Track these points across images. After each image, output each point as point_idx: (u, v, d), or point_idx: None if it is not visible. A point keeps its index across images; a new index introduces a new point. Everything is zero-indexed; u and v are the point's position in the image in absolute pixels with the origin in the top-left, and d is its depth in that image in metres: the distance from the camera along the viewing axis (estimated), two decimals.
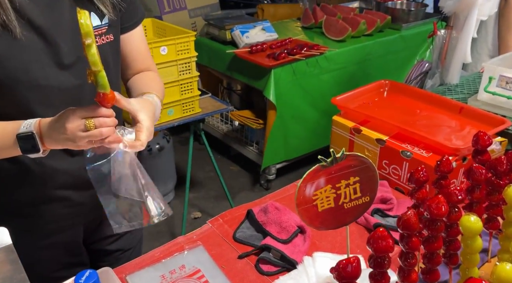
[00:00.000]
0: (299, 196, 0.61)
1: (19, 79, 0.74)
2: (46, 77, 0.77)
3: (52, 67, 0.77)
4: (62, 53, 0.78)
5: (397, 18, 2.66)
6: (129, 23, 0.92)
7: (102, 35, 0.84)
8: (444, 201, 0.65)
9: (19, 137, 0.71)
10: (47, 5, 0.75)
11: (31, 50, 0.74)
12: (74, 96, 0.82)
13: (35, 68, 0.75)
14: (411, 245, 0.63)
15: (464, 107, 1.29)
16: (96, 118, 0.69)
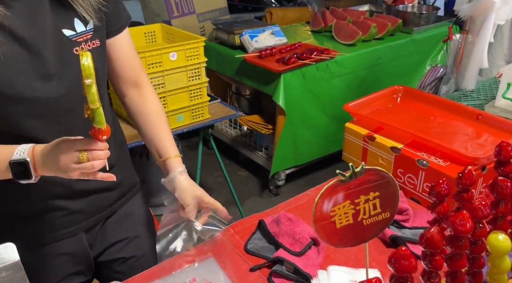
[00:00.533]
0: (316, 213, 0.59)
1: (4, 93, 0.73)
2: (32, 89, 0.75)
3: (38, 78, 0.76)
4: (47, 63, 0.76)
5: (408, 22, 2.62)
6: (114, 27, 0.91)
7: (87, 41, 0.82)
8: (469, 217, 0.61)
9: (12, 163, 0.71)
10: (28, 16, 0.74)
11: (15, 63, 0.73)
12: (61, 105, 0.81)
13: (20, 80, 0.74)
14: (435, 264, 0.60)
15: (482, 114, 1.25)
16: (90, 151, 0.70)
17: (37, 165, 0.72)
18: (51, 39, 0.77)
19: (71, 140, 0.70)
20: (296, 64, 2.11)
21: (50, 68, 0.77)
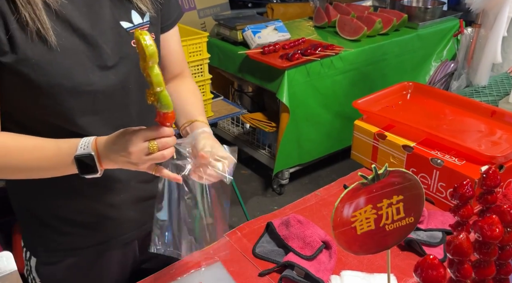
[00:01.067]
0: (336, 218, 0.55)
1: (62, 86, 0.70)
2: (90, 82, 0.72)
3: (95, 70, 0.73)
4: (104, 55, 0.74)
5: (414, 17, 2.57)
6: (168, 22, 0.88)
7: None
8: (498, 222, 0.57)
9: (77, 158, 0.68)
10: (87, 6, 0.72)
11: (73, 54, 0.70)
12: (117, 100, 0.78)
13: (78, 73, 0.71)
14: (463, 272, 0.56)
15: (496, 110, 1.21)
16: (159, 140, 0.66)
17: (102, 159, 0.68)
18: (109, 31, 0.75)
19: (137, 130, 0.66)
20: (301, 60, 2.06)
21: (107, 60, 0.74)
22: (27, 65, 0.67)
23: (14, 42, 0.65)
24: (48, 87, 0.69)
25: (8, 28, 0.65)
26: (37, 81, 0.68)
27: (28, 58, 0.66)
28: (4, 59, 0.66)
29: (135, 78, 0.78)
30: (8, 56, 0.66)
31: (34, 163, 0.70)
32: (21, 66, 0.67)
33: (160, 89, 0.62)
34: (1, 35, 0.64)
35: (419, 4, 2.78)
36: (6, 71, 0.67)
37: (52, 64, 0.68)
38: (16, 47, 0.66)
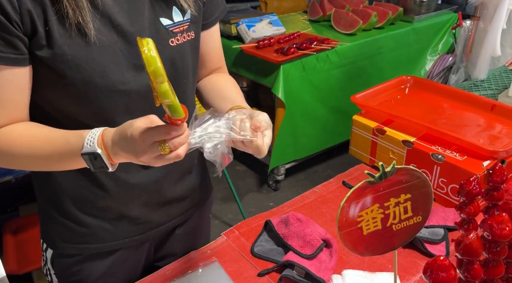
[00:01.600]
0: (342, 218, 0.52)
1: (96, 84, 0.68)
2: (124, 81, 0.70)
3: (130, 70, 0.70)
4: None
5: (409, 10, 2.56)
6: (210, 19, 0.84)
7: (183, 32, 0.76)
8: (508, 220, 0.55)
9: (84, 156, 0.64)
10: (128, 1, 0.69)
11: (109, 51, 0.68)
12: (149, 101, 0.73)
13: (114, 71, 0.68)
14: (473, 273, 0.54)
15: (496, 104, 1.19)
16: (170, 141, 0.60)
17: (112, 155, 0.64)
18: (148, 27, 0.71)
19: (145, 130, 0.60)
20: (296, 54, 2.03)
21: None
22: (62, 61, 0.64)
23: (51, 35, 0.63)
24: (82, 85, 0.67)
25: (47, 20, 0.62)
26: (71, 78, 0.66)
27: (64, 54, 0.64)
28: (40, 53, 0.64)
29: (169, 78, 0.75)
30: (44, 50, 0.64)
31: (45, 156, 0.68)
32: (57, 62, 0.65)
33: (169, 101, 0.56)
34: (39, 27, 0.62)
35: None
36: (40, 64, 0.65)
37: (88, 61, 0.66)
38: (54, 41, 0.63)
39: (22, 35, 0.62)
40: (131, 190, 0.82)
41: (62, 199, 0.81)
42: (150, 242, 0.92)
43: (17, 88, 0.65)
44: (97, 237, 0.84)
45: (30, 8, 0.61)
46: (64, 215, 0.82)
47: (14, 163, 0.71)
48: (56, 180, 0.80)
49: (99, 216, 0.83)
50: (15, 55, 0.63)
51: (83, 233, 0.83)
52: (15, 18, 0.60)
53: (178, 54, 0.75)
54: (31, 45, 0.64)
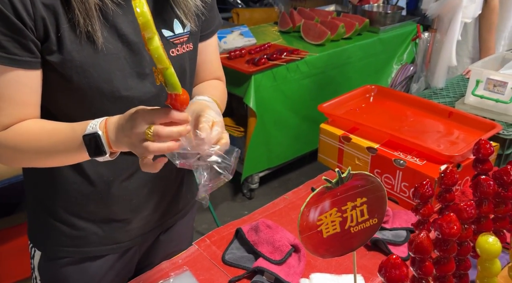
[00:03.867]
0: (302, 222, 0.55)
1: (102, 89, 0.72)
2: (128, 87, 0.74)
3: (134, 77, 0.75)
4: (144, 62, 0.75)
5: (375, 21, 2.66)
6: (207, 31, 0.89)
7: (183, 43, 0.81)
8: (456, 220, 0.60)
9: (85, 138, 0.65)
10: (132, 14, 0.72)
11: (114, 59, 0.72)
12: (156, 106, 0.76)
13: (118, 77, 0.72)
14: (425, 270, 0.58)
15: (453, 111, 1.26)
16: (156, 127, 0.58)
17: (111, 139, 0.64)
18: None
19: (146, 111, 0.60)
20: (267, 65, 2.08)
21: (146, 68, 0.75)
22: (71, 66, 0.68)
23: (62, 42, 0.67)
24: (88, 89, 0.71)
25: (59, 27, 0.67)
26: (78, 82, 0.70)
27: (73, 60, 0.68)
28: (51, 58, 0.68)
29: None
30: (55, 56, 0.68)
31: (51, 147, 0.69)
32: (66, 67, 0.68)
33: (162, 66, 0.56)
34: (51, 34, 0.66)
35: (380, 9, 2.87)
36: (50, 69, 0.69)
37: (94, 67, 0.70)
38: (64, 47, 0.67)
39: (36, 40, 0.66)
40: (122, 194, 0.84)
41: (54, 201, 0.83)
42: (136, 248, 0.93)
43: (32, 90, 0.69)
44: (86, 241, 0.86)
45: (44, 15, 0.65)
46: (55, 217, 0.84)
47: (22, 159, 0.72)
48: (49, 181, 0.82)
49: (89, 220, 0.84)
50: (30, 58, 0.66)
51: (73, 236, 0.85)
52: (30, 24, 0.64)
53: (177, 64, 0.78)
54: (43, 50, 0.67)
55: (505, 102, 1.23)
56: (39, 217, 0.86)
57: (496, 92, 1.22)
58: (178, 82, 0.59)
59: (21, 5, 0.63)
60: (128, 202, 0.85)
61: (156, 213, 0.91)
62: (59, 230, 0.84)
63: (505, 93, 1.21)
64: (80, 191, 0.82)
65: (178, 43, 0.79)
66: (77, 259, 0.86)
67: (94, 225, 0.85)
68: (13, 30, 0.63)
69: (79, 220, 0.84)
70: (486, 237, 0.58)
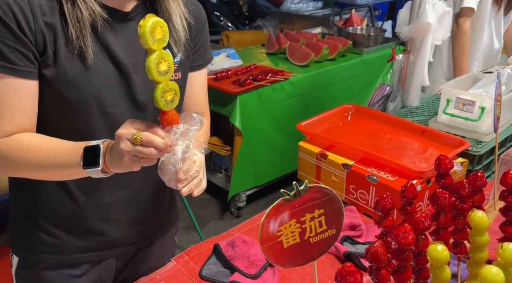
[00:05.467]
0: (263, 233, 0.58)
1: (89, 104, 0.77)
2: (114, 104, 0.79)
3: (120, 95, 0.80)
4: (132, 83, 0.80)
5: (358, 43, 2.75)
6: (197, 63, 0.93)
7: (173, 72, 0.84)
8: (410, 230, 0.63)
9: (85, 148, 0.70)
10: (126, 39, 0.80)
11: (104, 77, 0.77)
12: None
13: (106, 94, 0.78)
14: (381, 278, 0.61)
15: (426, 129, 1.31)
16: (145, 133, 0.65)
17: (106, 155, 0.70)
18: (142, 63, 0.78)
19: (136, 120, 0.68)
20: (252, 85, 2.14)
21: (134, 88, 0.81)
22: (63, 80, 0.74)
23: (57, 57, 0.73)
24: (76, 102, 0.76)
25: (56, 42, 0.72)
26: (68, 96, 0.75)
27: (66, 74, 0.73)
28: (46, 72, 0.73)
29: (154, 110, 0.81)
30: (49, 69, 0.73)
31: (48, 160, 0.73)
32: (58, 81, 0.74)
33: (151, 79, 0.64)
34: (49, 48, 0.72)
35: (363, 32, 2.97)
36: (44, 82, 0.74)
37: (85, 83, 0.75)
38: (59, 62, 0.73)
39: (36, 52, 0.72)
40: (101, 208, 0.87)
41: (34, 208, 0.87)
42: (113, 259, 0.95)
43: (30, 99, 0.74)
44: (63, 248, 0.88)
45: (44, 31, 0.71)
46: (35, 224, 0.87)
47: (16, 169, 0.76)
48: (31, 189, 0.85)
49: (67, 229, 0.87)
50: (30, 69, 0.72)
51: (50, 243, 0.88)
52: (31, 37, 0.70)
53: None
54: (39, 63, 0.73)
55: (473, 120, 1.28)
56: (20, 223, 0.90)
57: (466, 111, 1.28)
58: (161, 99, 0.65)
59: (24, 20, 0.69)
60: (107, 215, 0.89)
61: (134, 227, 0.94)
62: (38, 236, 0.87)
63: (473, 112, 1.27)
64: (62, 203, 0.85)
65: None
66: (54, 265, 0.89)
67: (71, 235, 0.88)
68: (17, 42, 0.69)
69: (56, 229, 0.87)
70: (435, 246, 0.61)
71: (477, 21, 1.92)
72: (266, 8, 4.46)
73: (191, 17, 0.88)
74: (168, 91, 0.66)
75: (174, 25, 0.83)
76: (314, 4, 3.85)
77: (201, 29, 0.92)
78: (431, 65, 2.02)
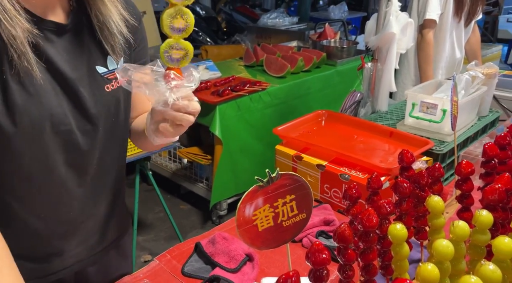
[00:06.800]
0: (239, 218, 0.63)
1: (43, 125, 0.73)
2: (66, 122, 0.76)
3: (71, 112, 0.77)
4: (82, 99, 0.78)
5: (332, 55, 2.87)
6: (138, 62, 0.91)
7: (117, 78, 0.83)
8: (374, 213, 0.69)
9: None
10: (68, 52, 0.77)
11: (53, 95, 0.74)
12: (88, 142, 0.81)
13: (57, 113, 0.75)
14: (348, 257, 0.66)
15: (394, 131, 1.40)
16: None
17: None
18: (87, 75, 0.79)
19: None
20: (231, 95, 2.21)
21: (84, 103, 0.78)
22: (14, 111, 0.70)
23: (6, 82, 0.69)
24: (30, 128, 0.72)
25: (2, 66, 0.68)
26: (19, 120, 0.71)
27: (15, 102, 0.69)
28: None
29: (104, 121, 0.82)
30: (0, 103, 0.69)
31: None
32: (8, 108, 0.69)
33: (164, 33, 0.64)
34: None
35: (336, 44, 3.10)
36: None
37: (36, 105, 0.72)
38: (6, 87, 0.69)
39: None
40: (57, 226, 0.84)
41: None
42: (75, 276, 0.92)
43: None
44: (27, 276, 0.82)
45: None
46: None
47: None
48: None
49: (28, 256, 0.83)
50: None
51: None
52: None
53: (113, 98, 0.83)
54: None
55: (436, 121, 1.38)
56: None
57: (429, 113, 1.37)
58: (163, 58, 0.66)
59: None
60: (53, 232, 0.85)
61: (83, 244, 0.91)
62: None
63: (436, 114, 1.36)
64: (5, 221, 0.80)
65: (112, 78, 0.83)
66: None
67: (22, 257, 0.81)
68: None
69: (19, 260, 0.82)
70: (395, 225, 0.68)
71: (440, 32, 2.05)
72: (244, 23, 4.59)
73: (128, 13, 0.84)
74: (177, 49, 0.65)
75: (111, 30, 0.80)
76: (290, 19, 3.99)
77: (140, 26, 0.89)
78: (400, 73, 2.14)
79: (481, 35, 2.44)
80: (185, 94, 0.72)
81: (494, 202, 0.73)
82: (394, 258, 0.70)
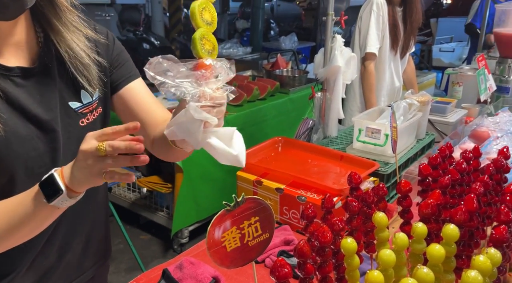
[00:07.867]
0: (209, 240, 0.70)
1: (17, 171, 0.73)
2: (41, 164, 0.76)
3: (47, 153, 0.77)
4: (58, 138, 0.77)
5: (285, 84, 3.04)
6: (123, 78, 0.89)
7: (93, 110, 0.84)
8: (328, 230, 0.79)
9: (40, 184, 0.66)
10: (39, 93, 0.76)
11: (27, 140, 0.73)
12: None
13: (32, 158, 0.74)
14: (307, 271, 0.75)
15: (344, 155, 1.53)
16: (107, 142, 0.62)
17: (65, 175, 0.66)
18: (59, 113, 0.78)
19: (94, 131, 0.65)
20: None
21: (59, 142, 0.78)
22: None
23: None
24: (4, 174, 0.72)
25: None
26: None
27: None
28: None
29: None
30: None
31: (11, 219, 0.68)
32: None
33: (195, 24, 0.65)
34: None
35: (289, 74, 3.29)
36: None
37: (9, 153, 0.71)
38: None
39: None
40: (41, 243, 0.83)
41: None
42: None
43: None
44: None
45: None
46: None
47: None
48: None
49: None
50: None
51: None
52: None
53: (90, 131, 0.85)
54: None
55: (381, 145, 1.53)
56: None
57: (374, 138, 1.52)
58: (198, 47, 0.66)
59: None
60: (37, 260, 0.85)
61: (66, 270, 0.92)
62: None
63: (380, 138, 1.51)
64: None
65: (87, 112, 0.82)
66: None
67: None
68: None
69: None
70: (346, 239, 0.77)
71: (380, 63, 2.27)
72: None
73: (95, 33, 0.83)
74: (207, 39, 0.66)
75: (83, 61, 0.79)
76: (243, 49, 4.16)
77: (112, 44, 0.88)
78: (347, 101, 2.33)
79: (418, 63, 2.73)
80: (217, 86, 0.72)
81: (427, 215, 0.85)
82: (347, 269, 0.80)
